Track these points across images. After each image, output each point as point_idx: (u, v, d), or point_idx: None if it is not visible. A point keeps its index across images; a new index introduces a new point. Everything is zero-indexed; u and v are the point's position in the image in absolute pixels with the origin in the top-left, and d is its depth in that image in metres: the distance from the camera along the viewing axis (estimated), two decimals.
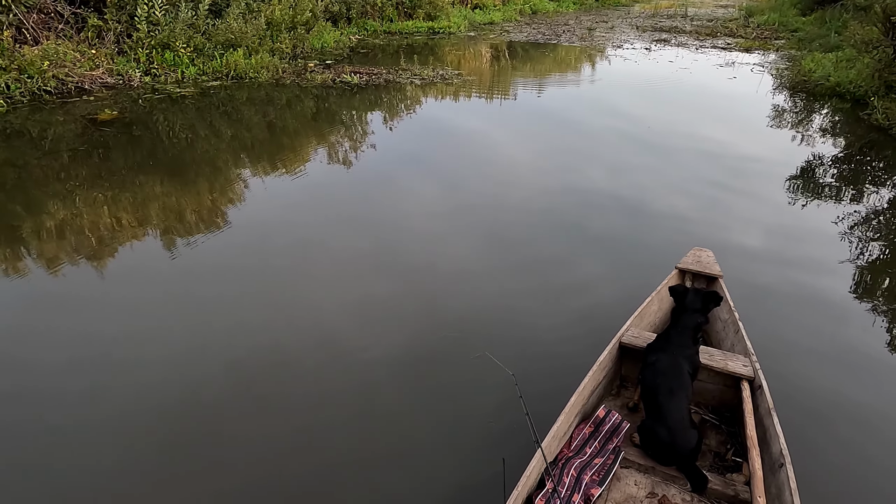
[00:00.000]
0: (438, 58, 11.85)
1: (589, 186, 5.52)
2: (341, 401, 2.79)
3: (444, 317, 3.43)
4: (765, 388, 2.49)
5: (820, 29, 15.09)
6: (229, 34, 9.06)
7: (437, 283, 3.78)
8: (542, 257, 4.16)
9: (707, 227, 4.73)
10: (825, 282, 4.01)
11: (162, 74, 8.22)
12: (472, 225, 4.61)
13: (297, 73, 9.13)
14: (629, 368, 2.88)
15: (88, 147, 5.75)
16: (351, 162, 5.92)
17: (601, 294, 3.78)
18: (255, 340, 3.15)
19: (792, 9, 19.81)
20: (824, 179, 6.08)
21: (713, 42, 15.64)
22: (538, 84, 10.27)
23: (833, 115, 8.71)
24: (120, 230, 4.24)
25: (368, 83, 8.91)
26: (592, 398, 2.61)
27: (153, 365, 2.95)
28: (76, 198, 4.69)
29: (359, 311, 3.45)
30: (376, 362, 3.04)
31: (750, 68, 11.94)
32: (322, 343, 3.17)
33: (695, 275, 3.38)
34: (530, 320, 3.45)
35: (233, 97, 7.90)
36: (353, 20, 14.09)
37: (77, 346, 3.06)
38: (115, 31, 8.51)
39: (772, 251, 4.40)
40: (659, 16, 22.81)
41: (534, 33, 15.95)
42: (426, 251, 4.19)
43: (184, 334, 3.19)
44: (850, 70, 9.76)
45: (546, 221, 4.72)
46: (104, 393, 2.77)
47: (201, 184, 5.14)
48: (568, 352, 3.13)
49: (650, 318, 3.11)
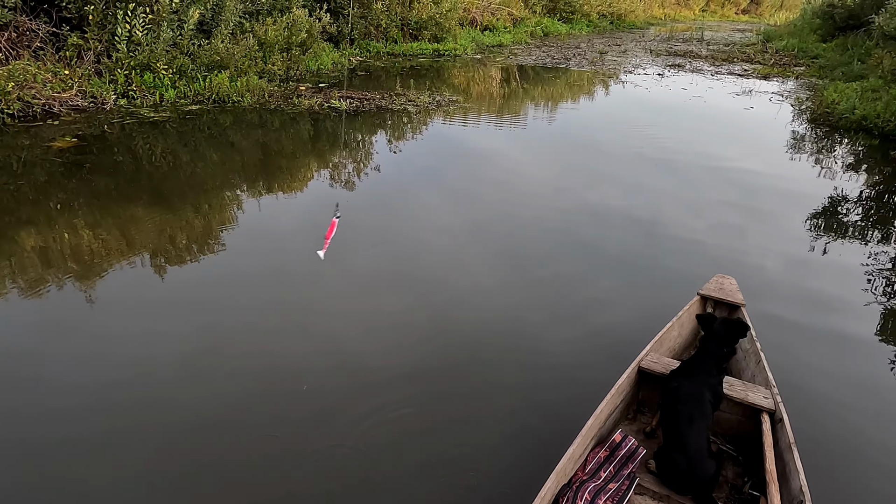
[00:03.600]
0: (441, 81, 11.35)
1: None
2: (349, 417, 2.79)
3: (459, 340, 3.43)
4: (786, 421, 2.45)
5: (842, 56, 14.43)
6: (215, 55, 8.61)
7: (449, 335, 3.38)
8: (558, 279, 4.18)
9: (727, 254, 4.68)
10: (851, 318, 3.92)
11: (139, 97, 7.76)
12: (483, 255, 4.00)
13: (284, 97, 8.64)
14: (647, 394, 2.88)
15: (31, 179, 5.25)
16: (312, 221, 5.35)
17: (617, 316, 3.77)
18: (266, 351, 3.21)
19: (812, 34, 19.17)
20: (850, 217, 5.76)
21: (729, 68, 15.03)
22: (540, 112, 9.71)
23: (859, 150, 8.03)
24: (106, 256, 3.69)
25: (358, 109, 8.39)
26: (609, 422, 2.62)
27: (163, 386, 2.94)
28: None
29: (370, 328, 3.51)
30: (387, 378, 3.06)
31: (769, 97, 11.29)
32: (332, 357, 3.21)
33: (717, 302, 3.35)
34: (545, 341, 3.45)
35: (209, 123, 7.41)
36: (356, 41, 13.68)
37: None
38: (95, 51, 8.10)
39: (795, 282, 4.33)
40: (674, 39, 22.28)
41: (543, 56, 15.45)
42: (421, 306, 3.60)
43: (195, 346, 3.23)
44: (877, 102, 9.08)
45: (562, 250, 4.57)
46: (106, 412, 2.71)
47: (187, 210, 4.60)
48: (583, 374, 3.15)
49: (670, 343, 3.09)
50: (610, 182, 6.33)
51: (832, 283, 4.37)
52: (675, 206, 5.69)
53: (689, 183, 6.46)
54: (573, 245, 4.77)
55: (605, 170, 6.72)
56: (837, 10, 17.28)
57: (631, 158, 7.16)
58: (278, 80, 9.67)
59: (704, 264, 4.36)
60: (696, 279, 3.74)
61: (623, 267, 4.40)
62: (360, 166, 6.44)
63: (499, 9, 19.82)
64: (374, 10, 13.65)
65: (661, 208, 5.58)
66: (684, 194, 6.08)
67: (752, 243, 4.91)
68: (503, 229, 4.93)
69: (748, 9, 46.02)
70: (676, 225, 5.21)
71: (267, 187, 5.57)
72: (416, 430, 2.73)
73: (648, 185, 6.22)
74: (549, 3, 22.67)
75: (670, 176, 6.58)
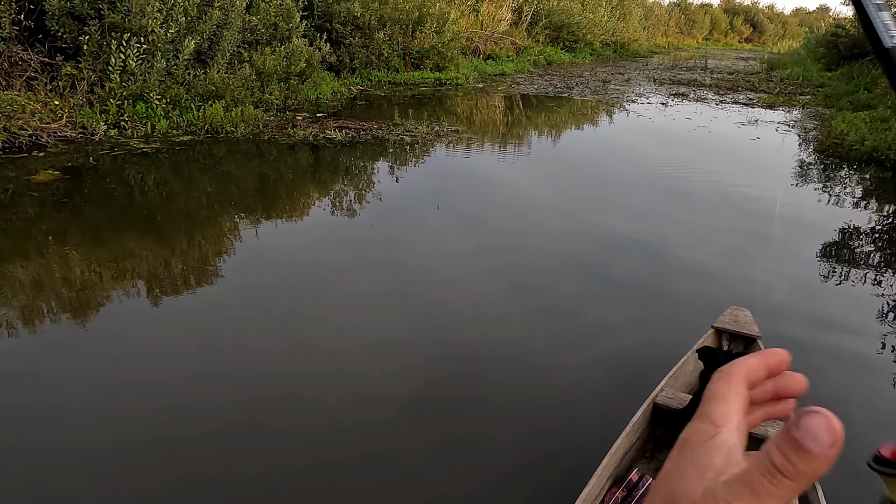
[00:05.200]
0: (442, 110, 11.22)
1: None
2: (351, 440, 2.75)
3: (464, 370, 3.38)
4: None
5: (847, 85, 14.29)
6: (210, 85, 8.49)
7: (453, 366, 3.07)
8: (565, 307, 4.13)
9: (740, 284, 4.58)
10: (870, 349, 3.81)
11: (130, 127, 7.61)
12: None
13: (279, 128, 8.49)
14: (663, 431, 2.79)
15: (3, 215, 5.04)
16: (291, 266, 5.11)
17: (628, 347, 3.68)
18: (269, 374, 3.19)
19: (816, 63, 19.10)
20: (868, 248, 5.64)
21: (734, 97, 14.89)
22: (541, 142, 9.52)
23: (872, 184, 7.76)
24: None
25: (354, 140, 8.22)
26: (625, 461, 2.55)
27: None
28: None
29: (372, 353, 3.46)
30: (389, 403, 3.01)
31: (775, 127, 11.09)
32: (334, 379, 3.19)
33: (732, 335, 3.26)
34: (554, 370, 3.41)
35: (201, 154, 7.25)
36: (358, 70, 13.63)
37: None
38: (88, 81, 7.99)
39: (810, 313, 4.23)
40: (677, 68, 22.27)
41: (545, 85, 15.37)
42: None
43: (198, 371, 3.20)
44: (888, 133, 8.84)
45: (569, 279, 4.28)
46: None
47: (165, 249, 4.36)
48: (594, 407, 3.10)
49: (685, 378, 3.01)
50: (615, 210, 6.18)
51: (850, 313, 4.27)
52: (683, 236, 5.62)
53: (697, 212, 6.34)
54: (581, 275, 4.70)
55: (610, 199, 6.50)
56: (842, 39, 17.22)
57: (636, 188, 6.95)
58: (275, 109, 9.54)
59: (716, 294, 4.29)
60: (708, 308, 3.72)
61: (633, 296, 4.33)
62: (362, 194, 6.28)
63: (501, 38, 19.88)
64: (375, 40, 13.63)
65: (668, 237, 5.50)
66: (692, 223, 5.98)
67: (767, 273, 4.82)
68: (509, 258, 4.85)
69: (751, 37, 46.40)
70: (686, 254, 5.14)
71: (254, 219, 5.34)
72: (415, 468, 2.65)
73: (655, 213, 6.14)
74: (552, 32, 22.77)
75: (677, 205, 6.48)
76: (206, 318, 3.77)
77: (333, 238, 5.14)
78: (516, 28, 21.22)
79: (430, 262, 4.72)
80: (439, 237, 5.26)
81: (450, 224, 5.57)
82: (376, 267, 4.54)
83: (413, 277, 4.45)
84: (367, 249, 4.91)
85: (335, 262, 4.62)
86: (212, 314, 3.84)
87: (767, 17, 48.11)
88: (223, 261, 4.53)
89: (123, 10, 8.06)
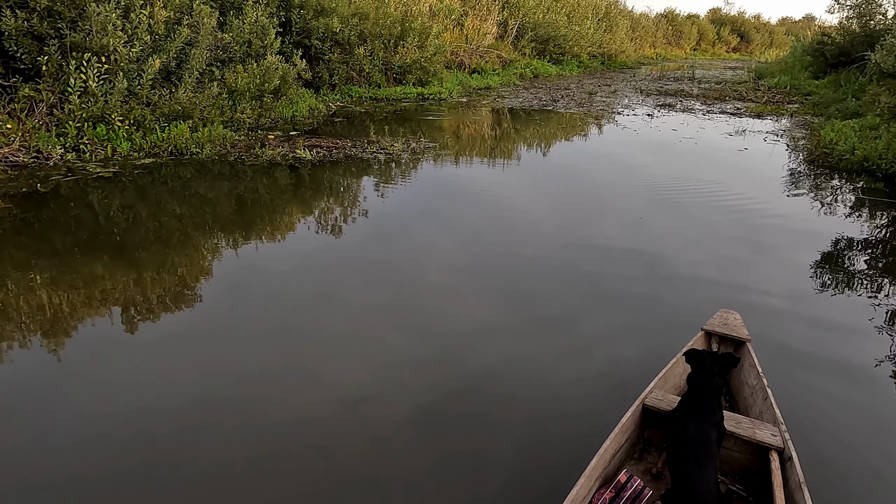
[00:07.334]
0: (424, 125, 10.93)
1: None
2: (350, 455, 2.76)
3: (457, 376, 3.38)
4: (795, 459, 2.40)
5: (835, 93, 14.11)
6: (176, 105, 8.17)
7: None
8: (558, 315, 4.12)
9: (730, 289, 4.57)
10: (860, 354, 3.76)
11: (89, 151, 7.26)
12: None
13: (247, 148, 8.16)
14: (652, 433, 2.79)
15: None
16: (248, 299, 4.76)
17: (620, 352, 3.67)
18: (266, 394, 3.15)
19: (803, 71, 18.98)
20: (860, 255, 5.52)
21: (721, 106, 14.69)
22: (519, 157, 9.22)
23: (863, 193, 7.47)
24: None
25: (325, 159, 7.89)
26: (614, 462, 2.55)
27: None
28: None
29: (368, 369, 3.44)
30: (386, 418, 3.00)
31: (763, 137, 10.83)
32: (333, 397, 3.16)
33: (721, 337, 3.26)
34: (547, 375, 3.41)
35: (165, 178, 6.90)
36: (338, 86, 13.35)
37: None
38: (47, 103, 7.66)
39: (800, 317, 4.20)
40: (665, 78, 22.15)
41: (530, 98, 15.14)
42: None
43: (195, 387, 3.17)
44: (878, 141, 8.59)
45: (562, 286, 4.12)
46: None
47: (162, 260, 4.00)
48: (585, 410, 3.11)
49: (674, 380, 3.04)
50: (604, 222, 6.06)
51: (840, 318, 4.25)
52: (674, 243, 5.57)
53: (687, 220, 6.25)
54: (573, 281, 4.65)
55: (598, 211, 6.22)
56: (828, 47, 17.10)
57: (624, 198, 6.72)
58: (247, 128, 9.22)
59: (707, 300, 4.26)
60: (699, 314, 3.67)
61: (624, 303, 4.32)
62: (334, 215, 6.01)
63: (487, 51, 19.71)
64: (356, 55, 13.37)
65: (660, 244, 5.47)
66: (682, 231, 5.94)
67: (756, 279, 4.80)
68: (502, 272, 4.76)
69: (738, 47, 46.60)
70: (677, 260, 5.12)
71: (212, 245, 4.99)
72: (413, 467, 2.71)
73: (645, 221, 6.09)
74: (538, 45, 22.63)
75: (666, 213, 6.40)
76: (175, 345, 3.45)
77: (311, 258, 4.81)
78: (502, 41, 21.07)
79: (386, 286, 4.39)
80: (410, 258, 4.94)
81: (425, 242, 5.24)
82: (357, 284, 4.23)
83: (385, 298, 4.13)
84: (356, 265, 4.61)
85: (315, 281, 4.47)
86: (183, 338, 3.61)
87: (754, 26, 48.33)
88: (187, 285, 4.19)
89: (85, 29, 7.77)
